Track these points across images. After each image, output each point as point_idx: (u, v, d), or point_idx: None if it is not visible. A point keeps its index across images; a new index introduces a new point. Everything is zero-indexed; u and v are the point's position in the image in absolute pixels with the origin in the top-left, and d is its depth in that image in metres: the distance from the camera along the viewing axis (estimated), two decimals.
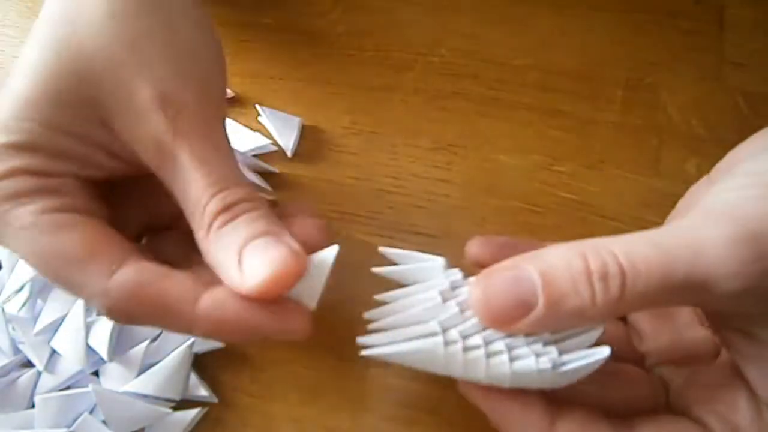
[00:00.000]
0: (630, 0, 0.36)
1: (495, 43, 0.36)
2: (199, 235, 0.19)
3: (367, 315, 0.20)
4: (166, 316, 0.19)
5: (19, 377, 0.27)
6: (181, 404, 0.27)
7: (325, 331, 0.29)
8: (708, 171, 0.23)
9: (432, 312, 0.19)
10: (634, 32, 0.35)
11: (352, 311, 0.29)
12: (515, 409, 0.19)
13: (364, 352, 0.19)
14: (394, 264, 0.22)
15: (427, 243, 0.30)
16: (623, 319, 0.24)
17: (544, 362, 0.18)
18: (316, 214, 0.22)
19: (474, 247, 0.23)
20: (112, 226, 0.20)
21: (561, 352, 0.18)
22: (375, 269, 0.22)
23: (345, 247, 0.31)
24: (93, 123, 0.20)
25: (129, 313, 0.19)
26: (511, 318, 0.18)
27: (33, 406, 0.27)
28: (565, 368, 0.18)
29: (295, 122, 0.34)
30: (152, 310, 0.19)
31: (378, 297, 0.21)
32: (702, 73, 0.34)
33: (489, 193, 0.31)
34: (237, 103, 0.36)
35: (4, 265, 0.30)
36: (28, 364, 0.28)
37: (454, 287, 0.20)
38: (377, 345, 0.19)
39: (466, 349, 0.18)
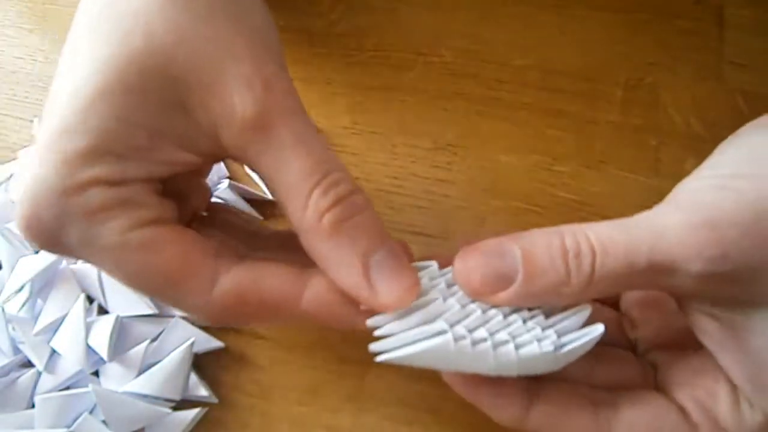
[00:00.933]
0: (630, 0, 0.36)
1: (495, 43, 0.36)
2: (303, 225, 0.19)
3: (370, 323, 0.20)
4: (272, 314, 0.19)
5: (19, 377, 0.27)
6: (181, 404, 0.27)
7: (325, 331, 0.29)
8: None
9: (435, 312, 0.19)
10: (634, 32, 0.35)
11: None
12: (491, 392, 0.20)
13: (378, 359, 0.19)
14: None
15: (427, 243, 0.30)
16: (616, 307, 0.25)
17: (547, 345, 0.19)
18: None
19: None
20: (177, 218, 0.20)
21: (558, 335, 0.19)
22: None
23: None
24: (167, 110, 0.18)
25: (234, 317, 0.19)
26: (491, 289, 0.19)
27: (33, 406, 0.27)
28: (565, 349, 0.19)
29: None
30: (257, 311, 0.19)
31: (369, 323, 0.21)
32: (702, 73, 0.34)
33: (489, 193, 0.31)
34: None
35: (4, 265, 0.30)
36: (28, 364, 0.28)
37: (449, 285, 0.20)
38: (389, 350, 0.19)
39: (474, 342, 0.19)
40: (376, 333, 0.20)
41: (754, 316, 0.18)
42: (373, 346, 0.19)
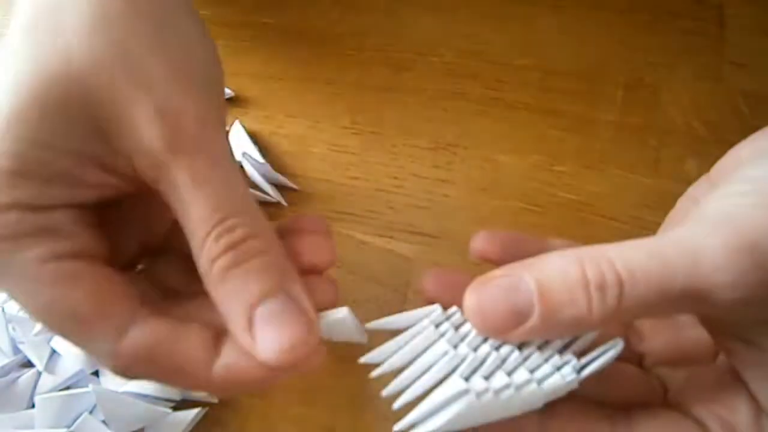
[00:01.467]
0: (630, 0, 0.36)
1: (495, 43, 0.36)
2: (201, 268, 0.18)
3: (385, 393, 0.19)
4: (179, 378, 0.18)
5: (19, 377, 0.27)
6: (181, 404, 0.27)
7: None
8: (708, 171, 0.23)
9: (449, 365, 0.18)
10: (634, 32, 0.35)
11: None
12: (504, 420, 0.19)
13: (397, 427, 0.18)
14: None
15: (426, 243, 0.30)
16: None
17: (569, 374, 0.18)
18: (326, 230, 0.21)
19: (478, 243, 0.21)
20: (109, 253, 0.19)
21: (576, 354, 0.18)
22: (370, 325, 0.20)
23: (345, 247, 0.31)
24: (87, 134, 0.18)
25: (138, 374, 0.18)
26: (505, 327, 0.18)
27: (33, 406, 0.27)
28: (586, 372, 0.18)
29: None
30: (164, 373, 0.18)
31: (374, 374, 0.20)
32: (702, 73, 0.34)
33: (489, 193, 0.31)
34: (237, 103, 0.36)
35: None
36: (28, 364, 0.28)
37: (456, 326, 0.19)
38: (416, 424, 0.18)
39: (496, 392, 0.18)
40: (395, 406, 0.19)
41: None
42: (398, 427, 0.18)
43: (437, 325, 0.19)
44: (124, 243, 0.21)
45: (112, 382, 0.27)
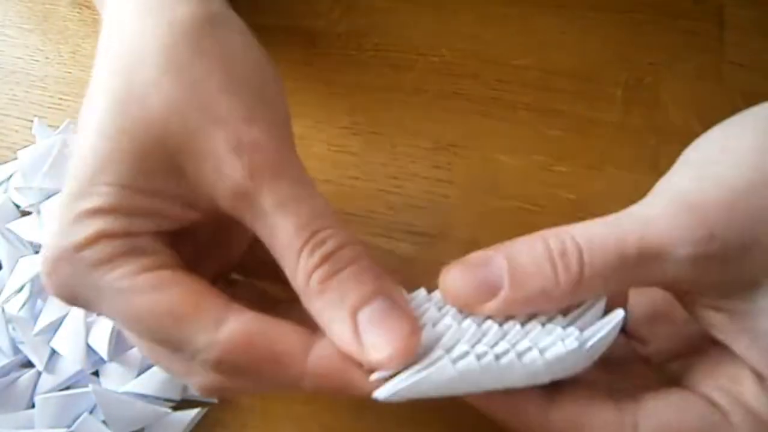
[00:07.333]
0: (630, 0, 0.36)
1: (495, 43, 0.36)
2: (298, 284, 0.19)
3: (373, 377, 0.19)
4: (276, 369, 0.18)
5: (19, 377, 0.27)
6: (181, 404, 0.27)
7: None
8: None
9: (455, 337, 0.19)
10: (634, 32, 0.35)
11: None
12: (508, 400, 0.20)
13: (384, 394, 0.18)
14: None
15: (426, 243, 0.30)
16: (623, 331, 0.24)
17: (572, 342, 0.18)
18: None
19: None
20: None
21: (580, 330, 0.19)
22: None
23: None
24: (168, 176, 0.19)
25: (237, 366, 0.18)
26: (478, 299, 0.19)
27: (33, 406, 0.27)
28: (590, 342, 0.19)
29: None
30: (262, 362, 0.18)
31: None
32: (702, 73, 0.34)
33: (489, 193, 0.31)
34: None
35: (4, 265, 0.30)
36: (28, 364, 0.28)
37: (439, 308, 0.20)
38: (398, 387, 0.18)
39: (497, 356, 0.18)
40: (376, 376, 0.18)
41: (756, 298, 0.18)
42: (380, 392, 0.18)
43: (440, 308, 0.20)
44: (201, 267, 0.22)
45: (112, 382, 0.27)
